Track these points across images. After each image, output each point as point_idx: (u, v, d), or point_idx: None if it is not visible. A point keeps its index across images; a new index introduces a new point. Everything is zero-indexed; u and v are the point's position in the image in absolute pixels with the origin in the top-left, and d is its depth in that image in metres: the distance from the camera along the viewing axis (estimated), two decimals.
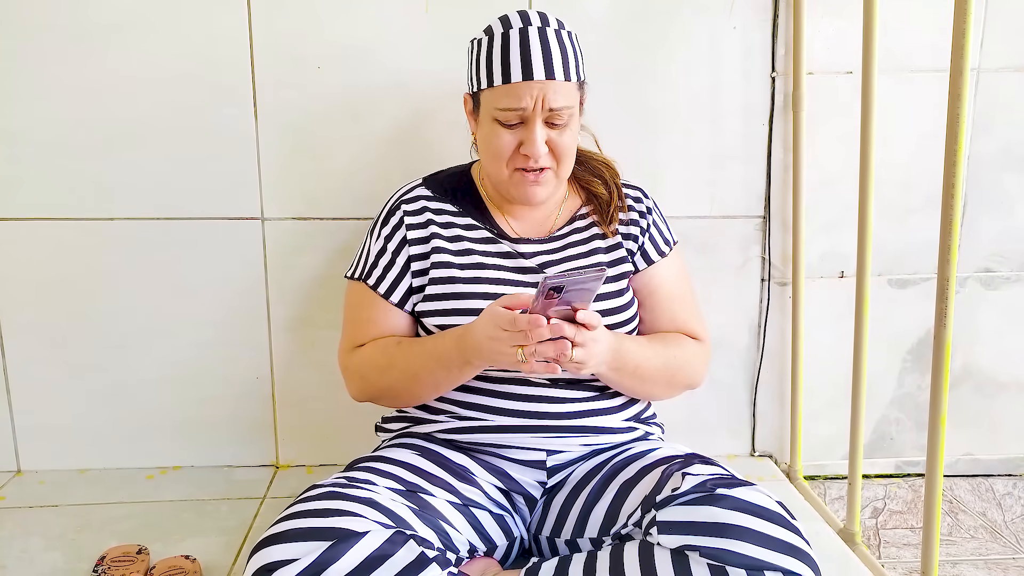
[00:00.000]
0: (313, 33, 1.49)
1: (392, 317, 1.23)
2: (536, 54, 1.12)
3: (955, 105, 1.05)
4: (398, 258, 1.23)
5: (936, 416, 1.13)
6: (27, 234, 1.53)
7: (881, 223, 1.55)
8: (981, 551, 1.65)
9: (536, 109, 1.12)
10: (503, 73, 1.12)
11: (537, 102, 1.12)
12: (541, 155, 1.14)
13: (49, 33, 1.47)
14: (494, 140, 1.16)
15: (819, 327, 1.64)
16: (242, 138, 1.52)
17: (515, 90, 1.12)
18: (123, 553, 1.28)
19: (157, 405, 1.61)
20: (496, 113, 1.14)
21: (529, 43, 1.12)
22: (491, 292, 1.18)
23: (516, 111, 1.13)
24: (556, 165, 1.17)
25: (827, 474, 1.73)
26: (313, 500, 0.99)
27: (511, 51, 1.12)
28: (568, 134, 1.16)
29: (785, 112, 1.59)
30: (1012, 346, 1.71)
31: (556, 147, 1.16)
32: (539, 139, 1.13)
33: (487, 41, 1.15)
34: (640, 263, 1.27)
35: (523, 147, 1.14)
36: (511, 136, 1.15)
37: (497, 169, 1.18)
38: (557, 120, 1.14)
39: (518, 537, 1.19)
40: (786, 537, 0.94)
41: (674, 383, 1.26)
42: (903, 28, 1.55)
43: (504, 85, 1.13)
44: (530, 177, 1.17)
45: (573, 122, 1.17)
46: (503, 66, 1.12)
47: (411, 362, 1.17)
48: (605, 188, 1.28)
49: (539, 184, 1.18)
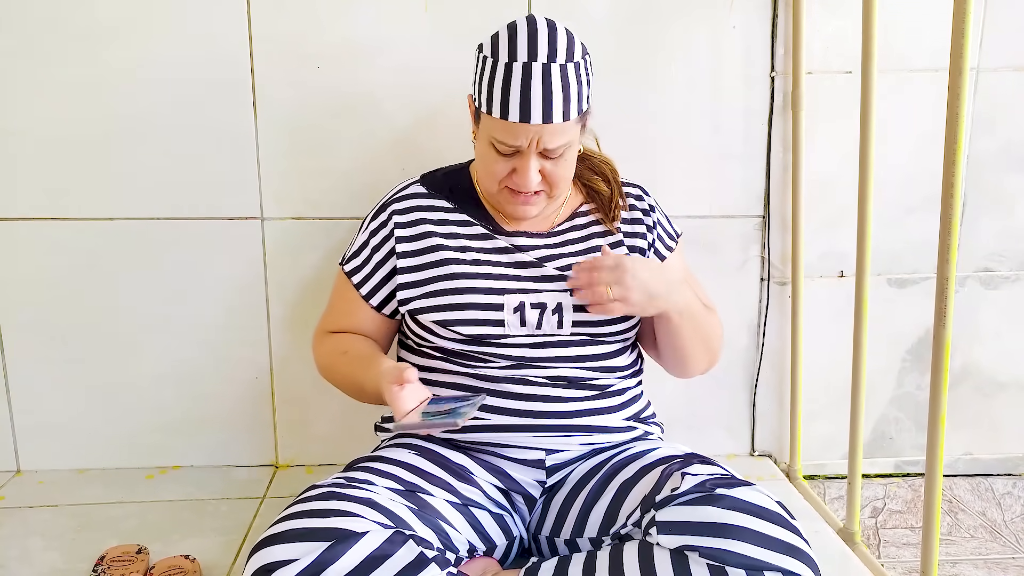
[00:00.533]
0: (313, 32, 1.49)
1: (366, 318, 1.27)
2: (536, 97, 1.08)
3: (954, 104, 1.05)
4: (383, 267, 1.24)
5: (935, 415, 1.13)
6: (27, 234, 1.53)
7: (880, 223, 1.55)
8: (981, 551, 1.65)
9: (531, 147, 1.11)
10: (501, 109, 1.09)
11: (532, 143, 1.11)
12: (532, 186, 1.14)
13: (49, 32, 1.47)
14: (489, 163, 1.16)
15: (818, 327, 1.64)
16: (242, 137, 1.52)
17: (511, 129, 1.10)
18: (123, 553, 1.28)
19: (157, 405, 1.61)
20: (493, 140, 1.13)
21: (531, 84, 1.08)
22: (491, 287, 1.18)
23: (510, 147, 1.12)
24: (549, 189, 1.17)
25: (827, 474, 1.73)
26: (312, 500, 0.99)
27: (511, 89, 1.08)
28: (563, 164, 1.15)
29: (784, 111, 1.59)
30: (1012, 346, 1.71)
31: (550, 176, 1.15)
32: (532, 173, 1.13)
33: (491, 65, 1.11)
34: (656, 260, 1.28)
35: (515, 175, 1.14)
36: (505, 163, 1.14)
37: (489, 185, 1.19)
38: (552, 155, 1.13)
39: (517, 537, 1.19)
40: (786, 537, 0.94)
41: (710, 348, 1.27)
42: (902, 27, 1.55)
43: (501, 120, 1.10)
44: (521, 199, 1.17)
45: (570, 152, 1.15)
46: (502, 102, 1.09)
47: (354, 368, 1.21)
48: (606, 185, 1.28)
49: (530, 204, 1.18)
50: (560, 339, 1.18)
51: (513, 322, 1.17)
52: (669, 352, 1.26)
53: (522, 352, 1.17)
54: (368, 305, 1.26)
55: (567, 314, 1.18)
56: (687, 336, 1.22)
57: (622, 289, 1.11)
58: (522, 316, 1.17)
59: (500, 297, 1.17)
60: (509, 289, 1.18)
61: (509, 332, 1.17)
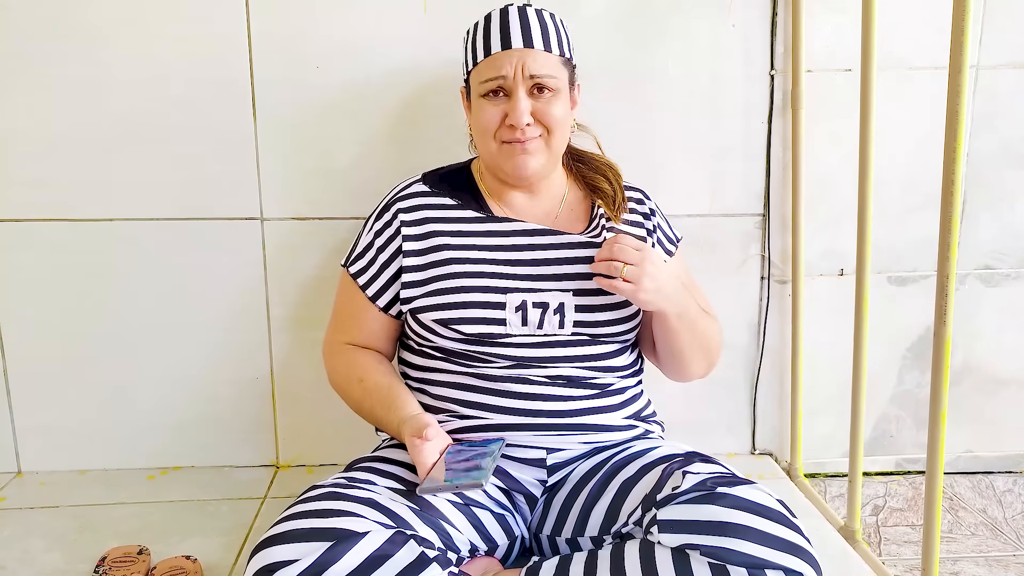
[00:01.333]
0: (312, 32, 1.49)
1: (374, 320, 1.26)
2: (515, 25, 1.16)
3: (954, 102, 1.05)
4: (390, 266, 1.24)
5: (936, 413, 1.13)
6: (26, 235, 1.53)
7: (880, 221, 1.55)
8: (982, 548, 1.65)
9: (517, 77, 1.15)
10: (484, 47, 1.17)
11: (517, 69, 1.15)
12: (524, 122, 1.15)
13: (47, 32, 1.47)
14: (481, 116, 1.18)
15: (819, 325, 1.64)
16: (241, 137, 1.52)
17: (495, 60, 1.16)
18: (124, 554, 1.28)
19: (157, 406, 1.61)
20: (481, 88, 1.17)
21: (508, 17, 1.17)
22: (494, 286, 1.18)
23: (496, 79, 1.16)
24: (546, 134, 1.18)
25: (827, 472, 1.73)
26: (313, 500, 0.99)
27: (491, 26, 1.18)
28: (556, 104, 1.17)
29: (784, 110, 1.59)
30: (1012, 343, 1.71)
31: (543, 115, 1.17)
32: (522, 106, 1.15)
33: (474, 27, 1.21)
34: None
35: (508, 117, 1.16)
36: (496, 109, 1.17)
37: (486, 145, 1.20)
38: (544, 87, 1.16)
39: (519, 536, 1.19)
40: (787, 535, 0.94)
41: (708, 353, 1.28)
42: (902, 25, 1.55)
43: (486, 59, 1.17)
44: (518, 147, 1.17)
45: (561, 96, 1.18)
46: (484, 41, 1.17)
47: (375, 400, 1.21)
48: (609, 185, 1.29)
49: (528, 153, 1.18)
50: (560, 339, 1.18)
51: (515, 321, 1.17)
52: (667, 355, 1.26)
53: (523, 352, 1.17)
54: (375, 306, 1.25)
55: (568, 314, 1.18)
56: (684, 340, 1.22)
57: (637, 271, 1.11)
58: (524, 315, 1.17)
59: (502, 296, 1.17)
60: (511, 288, 1.18)
61: (511, 332, 1.17)
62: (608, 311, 1.20)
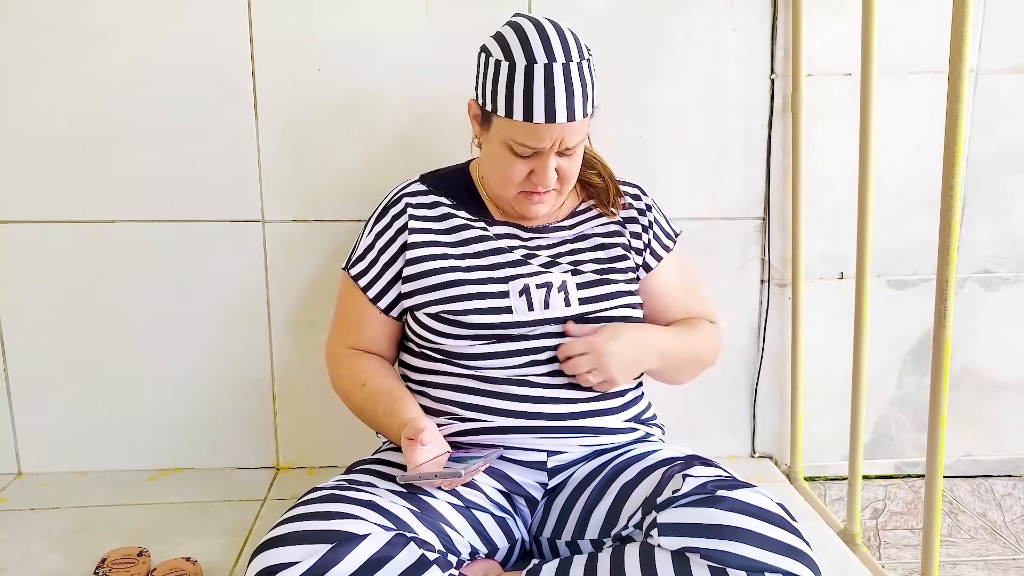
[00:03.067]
0: (314, 32, 1.50)
1: (376, 323, 1.26)
2: (560, 98, 1.10)
3: (954, 106, 1.05)
4: (391, 268, 1.24)
5: (936, 417, 1.13)
6: (27, 236, 1.53)
7: (880, 224, 1.56)
8: (981, 552, 1.66)
9: (553, 147, 1.14)
10: (524, 111, 1.10)
11: (555, 143, 1.13)
12: (552, 184, 1.17)
13: (48, 32, 1.47)
14: (506, 167, 1.16)
15: (819, 328, 1.64)
16: (242, 138, 1.52)
17: (535, 131, 1.11)
18: (124, 555, 1.28)
19: (158, 407, 1.61)
20: (511, 143, 1.14)
21: (554, 84, 1.09)
22: (495, 276, 1.19)
23: (533, 148, 1.14)
24: (561, 186, 1.20)
25: (827, 475, 1.73)
26: (314, 503, 1.00)
27: (534, 91, 1.09)
28: (576, 159, 1.18)
29: (784, 113, 1.59)
30: (1011, 347, 1.71)
31: (563, 172, 1.18)
32: (552, 172, 1.15)
33: (507, 68, 1.11)
34: (651, 261, 1.30)
35: (534, 176, 1.16)
36: (524, 165, 1.16)
37: (503, 191, 1.20)
38: (569, 152, 1.16)
39: (519, 539, 1.19)
40: (786, 539, 0.94)
41: (701, 364, 1.33)
42: (902, 30, 1.55)
43: (524, 122, 1.11)
44: (536, 198, 1.19)
45: (581, 147, 1.19)
46: (525, 105, 1.10)
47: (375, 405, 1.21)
48: (599, 177, 1.30)
49: (543, 203, 1.21)
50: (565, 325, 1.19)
51: (520, 306, 1.17)
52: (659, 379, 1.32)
53: (530, 344, 1.18)
54: (377, 308, 1.25)
55: (572, 292, 1.19)
56: (671, 374, 1.30)
57: (601, 373, 1.16)
58: (528, 299, 1.18)
59: (504, 285, 1.18)
60: (513, 276, 1.19)
61: (518, 318, 1.17)
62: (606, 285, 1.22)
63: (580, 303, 1.19)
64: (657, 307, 1.31)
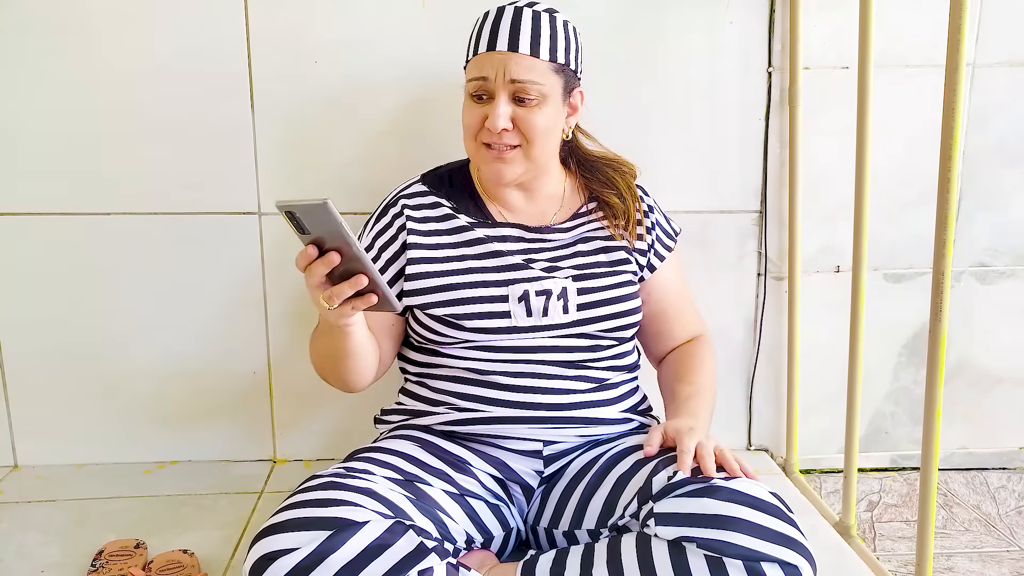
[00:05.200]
0: (310, 26, 1.49)
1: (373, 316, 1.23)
2: (504, 28, 1.15)
3: (951, 100, 1.06)
4: (393, 265, 1.23)
5: (931, 410, 1.14)
6: (23, 229, 1.53)
7: (877, 218, 1.56)
8: (975, 544, 1.66)
9: (499, 81, 1.14)
10: (474, 46, 1.18)
11: (498, 74, 1.14)
12: (499, 127, 1.14)
13: (45, 26, 1.46)
14: (465, 115, 1.19)
15: (815, 322, 1.65)
16: (239, 132, 1.52)
17: (480, 61, 1.16)
18: (121, 547, 1.28)
19: (154, 400, 1.61)
20: (468, 87, 1.18)
21: (501, 18, 1.16)
22: (495, 279, 1.19)
23: (479, 81, 1.16)
24: (526, 144, 1.17)
25: (823, 468, 1.74)
26: (313, 490, 1.00)
27: (484, 26, 1.17)
28: (539, 114, 1.15)
29: (781, 107, 1.59)
30: (1006, 340, 1.72)
31: (523, 124, 1.15)
32: (501, 112, 1.14)
33: (478, 22, 1.20)
34: (655, 262, 1.29)
35: (487, 121, 1.16)
36: (479, 110, 1.17)
37: (467, 143, 1.21)
38: (524, 96, 1.14)
39: (515, 528, 1.20)
40: (782, 528, 0.95)
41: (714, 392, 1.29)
42: (899, 23, 1.55)
43: (474, 58, 1.17)
44: (494, 153, 1.18)
45: (547, 104, 1.16)
46: (475, 40, 1.18)
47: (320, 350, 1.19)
48: (619, 199, 1.27)
49: (504, 162, 1.18)
50: (564, 330, 1.19)
51: (519, 312, 1.17)
52: None
53: (525, 342, 1.18)
54: None
55: (572, 299, 1.19)
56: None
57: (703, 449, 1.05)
58: (527, 305, 1.18)
59: (504, 289, 1.18)
60: (513, 280, 1.19)
61: (516, 324, 1.17)
62: (608, 291, 1.21)
63: (579, 310, 1.19)
64: (656, 310, 1.31)
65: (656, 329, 1.32)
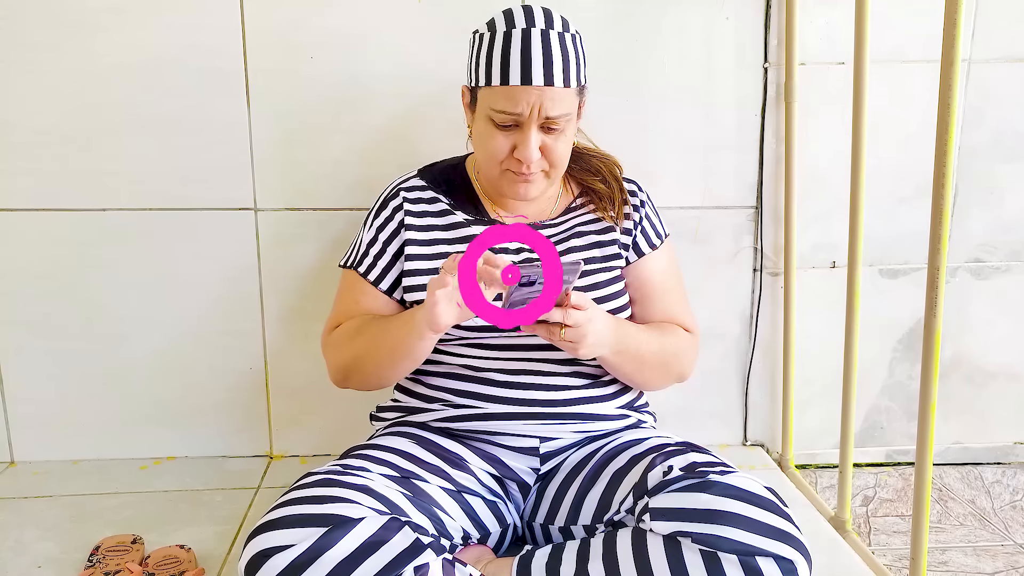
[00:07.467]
0: (306, 21, 1.49)
1: (378, 302, 1.25)
2: (536, 59, 1.09)
3: (946, 96, 1.06)
4: (390, 247, 1.24)
5: (926, 405, 1.14)
6: (18, 224, 1.53)
7: (872, 213, 1.56)
8: (970, 538, 1.67)
9: (532, 116, 1.11)
10: (501, 75, 1.10)
11: (534, 109, 1.10)
12: (534, 161, 1.13)
13: (39, 21, 1.46)
14: (488, 141, 1.15)
15: (811, 317, 1.65)
16: (235, 127, 1.52)
17: (512, 94, 1.10)
18: (118, 543, 1.29)
19: (151, 396, 1.61)
20: (491, 113, 1.13)
21: (531, 46, 1.09)
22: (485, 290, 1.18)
23: (511, 115, 1.11)
24: (549, 168, 1.17)
25: (818, 463, 1.74)
26: (309, 487, 1.00)
27: (511, 52, 1.10)
28: (563, 140, 1.15)
29: (777, 103, 1.59)
30: (1001, 336, 1.72)
31: (550, 153, 1.15)
32: (533, 145, 1.12)
33: (488, 37, 1.13)
34: (631, 256, 1.28)
35: (517, 151, 1.14)
36: (505, 139, 1.14)
37: (489, 168, 1.18)
38: (553, 126, 1.13)
39: (511, 524, 1.20)
40: (777, 523, 0.95)
41: (668, 372, 1.27)
42: (895, 19, 1.55)
43: (502, 87, 1.11)
44: (521, 178, 1.17)
45: (569, 128, 1.16)
46: (502, 67, 1.10)
47: (378, 326, 1.18)
48: (604, 184, 1.28)
49: (530, 183, 1.17)
50: None
51: None
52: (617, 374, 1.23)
53: (520, 339, 1.18)
54: (379, 290, 1.24)
55: None
56: (628, 370, 1.20)
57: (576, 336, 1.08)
58: None
59: (500, 286, 1.18)
60: None
61: None
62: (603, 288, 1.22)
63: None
64: (637, 296, 1.29)
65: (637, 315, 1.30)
